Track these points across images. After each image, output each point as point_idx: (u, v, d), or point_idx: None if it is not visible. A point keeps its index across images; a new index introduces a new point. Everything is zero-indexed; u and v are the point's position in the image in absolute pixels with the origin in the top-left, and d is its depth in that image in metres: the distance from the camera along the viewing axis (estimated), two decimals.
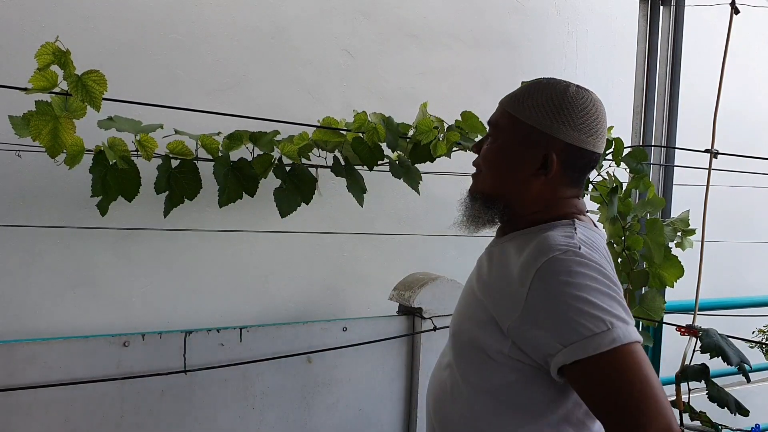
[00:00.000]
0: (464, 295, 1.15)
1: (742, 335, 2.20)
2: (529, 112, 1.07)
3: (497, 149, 1.09)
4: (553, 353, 0.92)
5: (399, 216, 2.13)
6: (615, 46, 2.66)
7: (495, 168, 1.10)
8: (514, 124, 1.07)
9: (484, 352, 1.02)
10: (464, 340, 1.08)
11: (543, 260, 0.95)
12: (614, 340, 0.88)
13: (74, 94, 1.34)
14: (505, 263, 1.04)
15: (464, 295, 1.16)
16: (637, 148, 2.19)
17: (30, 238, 1.65)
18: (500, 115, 1.10)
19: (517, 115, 1.07)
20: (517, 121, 1.07)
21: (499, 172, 1.09)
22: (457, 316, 1.15)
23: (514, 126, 1.08)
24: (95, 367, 1.68)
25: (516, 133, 1.07)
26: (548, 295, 0.93)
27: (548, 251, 0.96)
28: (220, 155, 1.59)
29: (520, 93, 1.09)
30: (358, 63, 2.11)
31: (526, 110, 1.07)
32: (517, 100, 1.08)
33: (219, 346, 1.84)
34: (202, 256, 1.87)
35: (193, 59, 1.84)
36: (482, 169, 1.12)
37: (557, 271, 0.94)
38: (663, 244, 2.05)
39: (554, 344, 0.91)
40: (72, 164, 1.39)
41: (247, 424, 1.89)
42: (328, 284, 2.07)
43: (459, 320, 1.13)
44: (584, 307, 0.90)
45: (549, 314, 0.93)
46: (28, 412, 1.60)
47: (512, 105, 1.09)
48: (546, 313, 0.93)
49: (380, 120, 1.79)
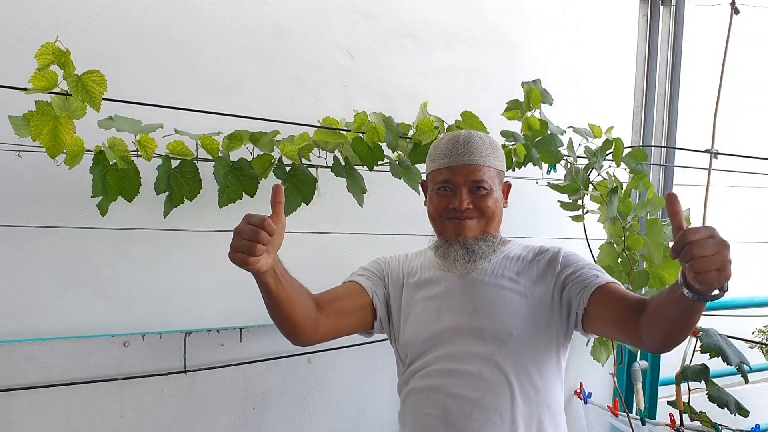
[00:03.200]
0: (489, 305, 1.29)
1: (742, 335, 2.20)
2: (498, 161, 1.36)
3: (495, 200, 1.33)
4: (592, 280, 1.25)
5: (399, 216, 2.13)
6: (615, 46, 2.66)
7: (495, 215, 1.34)
8: (496, 175, 1.34)
9: (546, 340, 1.28)
10: (522, 337, 1.26)
11: (552, 247, 1.37)
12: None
13: (74, 94, 1.34)
14: (522, 262, 1.35)
15: (488, 304, 1.29)
16: (637, 148, 2.19)
17: (30, 238, 1.65)
18: (483, 173, 1.31)
19: (495, 167, 1.34)
20: (497, 172, 1.35)
21: (496, 216, 1.35)
22: (500, 320, 1.27)
23: (496, 176, 1.34)
24: (95, 367, 1.68)
25: (498, 180, 1.35)
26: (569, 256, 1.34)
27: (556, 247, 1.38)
28: (220, 155, 1.59)
29: (484, 148, 1.33)
30: (358, 63, 2.11)
31: (497, 160, 1.35)
32: (488, 155, 1.33)
33: (219, 346, 1.84)
34: (202, 257, 1.87)
35: (193, 59, 1.84)
36: (483, 217, 1.32)
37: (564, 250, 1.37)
38: (663, 244, 2.05)
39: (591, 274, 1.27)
40: (72, 164, 1.39)
41: (247, 424, 1.90)
42: (328, 284, 2.05)
43: (508, 323, 1.26)
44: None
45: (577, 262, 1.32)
46: (28, 412, 1.60)
47: (490, 160, 1.33)
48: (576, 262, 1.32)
49: (380, 120, 1.79)
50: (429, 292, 1.34)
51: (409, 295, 1.37)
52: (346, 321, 1.34)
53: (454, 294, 1.31)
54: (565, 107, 2.21)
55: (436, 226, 1.38)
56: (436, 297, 1.33)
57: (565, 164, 2.12)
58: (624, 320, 1.15)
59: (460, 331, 1.27)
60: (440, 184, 1.34)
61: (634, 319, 1.12)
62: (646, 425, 2.09)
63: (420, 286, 1.37)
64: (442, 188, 1.33)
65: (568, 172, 2.09)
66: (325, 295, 1.33)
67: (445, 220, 1.34)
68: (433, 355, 1.28)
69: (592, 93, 2.54)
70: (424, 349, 1.30)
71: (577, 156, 2.12)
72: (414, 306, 1.35)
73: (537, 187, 2.17)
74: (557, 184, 2.10)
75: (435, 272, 1.36)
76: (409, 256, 1.48)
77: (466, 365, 1.25)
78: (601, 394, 2.51)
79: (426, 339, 1.30)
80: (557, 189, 2.09)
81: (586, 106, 2.41)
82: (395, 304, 1.38)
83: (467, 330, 1.26)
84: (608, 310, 1.20)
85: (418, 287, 1.37)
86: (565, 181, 2.10)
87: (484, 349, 1.25)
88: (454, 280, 1.32)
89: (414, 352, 1.32)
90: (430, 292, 1.34)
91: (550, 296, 1.29)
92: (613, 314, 1.18)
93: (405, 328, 1.35)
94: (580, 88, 2.51)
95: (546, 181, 2.13)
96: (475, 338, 1.26)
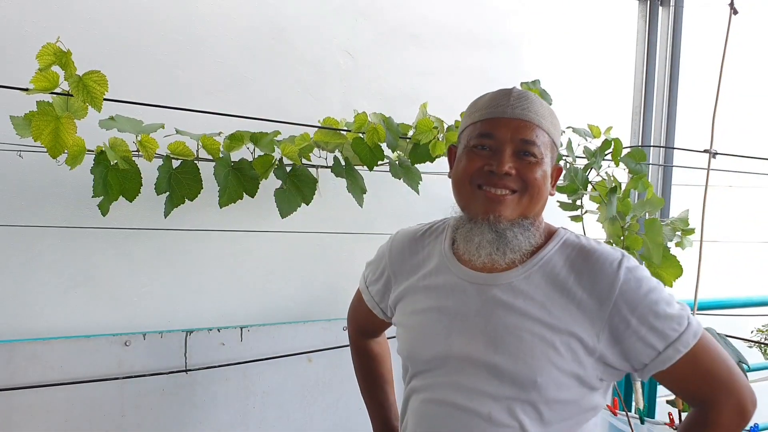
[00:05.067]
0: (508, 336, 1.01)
1: (741, 335, 2.21)
2: (555, 130, 1.06)
3: (544, 174, 1.03)
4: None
5: (399, 216, 2.13)
6: (614, 47, 2.66)
7: (542, 193, 1.04)
8: (551, 147, 1.05)
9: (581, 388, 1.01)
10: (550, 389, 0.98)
11: (606, 261, 1.00)
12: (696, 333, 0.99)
13: (75, 95, 1.34)
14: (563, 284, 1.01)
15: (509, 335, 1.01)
16: (636, 148, 2.19)
17: (31, 238, 1.65)
18: (537, 135, 1.02)
19: (551, 136, 1.05)
20: (551, 143, 1.05)
21: (542, 196, 1.05)
22: (522, 361, 0.98)
23: (550, 149, 1.05)
24: (96, 367, 1.68)
25: (551, 155, 1.05)
26: (631, 294, 0.99)
27: (615, 257, 1.00)
28: (221, 156, 1.59)
29: (542, 108, 1.04)
30: (358, 63, 2.11)
31: (555, 129, 1.06)
32: (545, 117, 1.04)
33: (220, 345, 1.84)
34: (202, 256, 1.87)
35: (194, 59, 1.84)
36: (527, 192, 1.02)
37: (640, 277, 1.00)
38: (662, 244, 2.05)
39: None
40: (73, 164, 1.39)
41: (248, 423, 1.90)
42: (328, 284, 2.07)
43: (533, 367, 0.98)
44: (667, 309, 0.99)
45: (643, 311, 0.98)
46: (29, 412, 1.61)
47: (547, 124, 1.04)
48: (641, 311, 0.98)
49: (380, 120, 1.79)
50: (440, 302, 1.08)
51: (417, 298, 1.13)
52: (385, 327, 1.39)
53: (468, 314, 1.04)
54: (564, 107, 2.21)
55: (462, 197, 1.07)
56: (448, 312, 1.06)
57: (564, 164, 2.12)
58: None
59: (473, 362, 1.01)
60: (477, 140, 1.03)
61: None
62: (645, 424, 2.09)
63: (430, 291, 1.11)
64: (478, 146, 1.03)
65: (567, 172, 2.10)
66: (373, 328, 1.40)
67: (475, 188, 1.03)
68: (439, 381, 1.06)
69: (591, 93, 2.55)
70: (428, 369, 1.08)
71: (576, 156, 2.12)
72: (421, 314, 1.11)
73: None
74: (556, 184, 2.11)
75: (450, 278, 1.09)
76: (426, 234, 1.20)
77: (476, 404, 1.01)
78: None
79: (430, 359, 1.07)
80: (557, 189, 2.10)
81: (585, 106, 2.42)
82: (399, 300, 1.19)
83: (480, 364, 1.01)
84: (674, 390, 1.04)
85: (428, 292, 1.11)
86: (564, 181, 2.11)
87: (499, 391, 0.99)
88: (473, 295, 1.05)
89: (416, 368, 1.11)
90: (441, 302, 1.08)
91: (591, 341, 0.98)
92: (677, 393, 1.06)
93: (407, 334, 1.13)
94: (579, 88, 2.51)
95: None
96: (490, 375, 1.00)
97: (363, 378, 1.43)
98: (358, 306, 1.37)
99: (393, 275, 1.21)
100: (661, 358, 0.97)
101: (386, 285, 1.24)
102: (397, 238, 1.24)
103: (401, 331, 1.16)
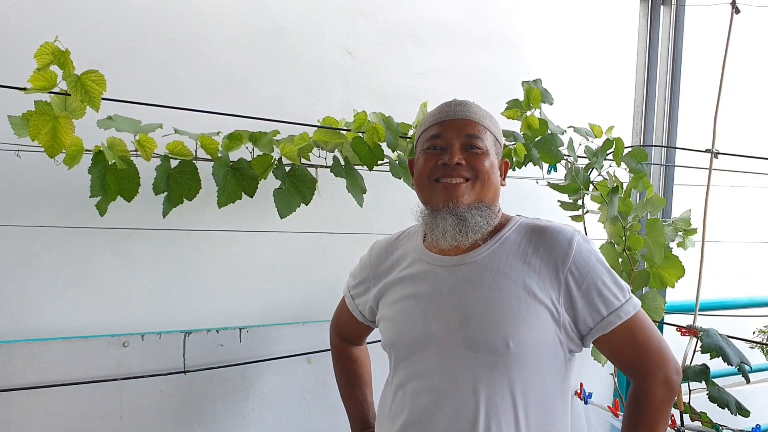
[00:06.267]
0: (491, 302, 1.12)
1: (742, 335, 2.20)
2: (495, 128, 1.24)
3: (491, 163, 1.19)
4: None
5: (399, 216, 2.13)
6: (615, 46, 2.65)
7: (491, 180, 1.19)
8: (493, 143, 1.22)
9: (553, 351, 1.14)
10: (528, 347, 1.11)
11: (560, 235, 1.16)
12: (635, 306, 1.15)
13: (73, 94, 1.34)
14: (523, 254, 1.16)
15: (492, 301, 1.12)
16: (638, 148, 2.19)
17: (29, 238, 1.65)
18: (479, 130, 1.19)
19: (493, 133, 1.22)
20: (494, 140, 1.22)
21: (492, 183, 1.19)
22: (494, 329, 1.10)
23: (493, 145, 1.22)
24: (95, 368, 1.67)
25: (494, 150, 1.22)
26: (581, 262, 1.14)
27: (569, 231, 1.17)
28: (220, 156, 1.59)
29: (480, 111, 1.23)
30: (358, 63, 2.11)
31: (494, 127, 1.24)
32: (484, 117, 1.22)
33: (218, 346, 1.83)
34: (201, 256, 1.87)
35: (193, 59, 1.84)
36: (477, 180, 1.17)
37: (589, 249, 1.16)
38: (663, 244, 2.05)
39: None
40: (71, 164, 1.38)
41: (247, 424, 1.89)
42: (328, 284, 2.06)
43: (504, 332, 1.10)
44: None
45: (590, 276, 1.14)
46: (28, 412, 1.60)
47: (486, 122, 1.21)
48: (588, 275, 1.14)
49: (380, 120, 1.78)
50: (416, 289, 1.20)
51: (394, 290, 1.26)
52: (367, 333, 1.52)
53: (442, 294, 1.16)
54: (566, 107, 2.20)
55: (423, 193, 1.21)
56: (423, 296, 1.18)
57: (566, 164, 2.12)
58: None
59: (452, 339, 1.13)
60: (429, 142, 1.20)
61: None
62: None
63: (406, 281, 1.23)
64: (431, 147, 1.19)
65: (568, 171, 2.09)
66: (355, 335, 1.51)
67: (433, 183, 1.18)
68: (424, 367, 1.16)
69: (592, 93, 2.54)
70: (411, 353, 1.18)
71: (577, 156, 2.12)
72: (399, 303, 1.23)
73: (537, 187, 2.17)
74: (557, 184, 2.10)
75: (423, 266, 1.21)
76: (401, 239, 1.34)
77: (462, 384, 1.11)
78: (602, 394, 2.51)
79: (412, 342, 1.17)
80: (557, 189, 2.09)
81: (586, 106, 2.41)
82: (380, 297, 1.32)
83: (459, 339, 1.12)
84: (611, 357, 1.18)
85: (404, 282, 1.24)
86: (565, 180, 2.10)
87: (479, 363, 1.10)
88: (444, 277, 1.17)
89: (400, 354, 1.21)
90: (416, 288, 1.20)
91: (552, 304, 1.11)
92: (614, 362, 1.20)
93: (388, 324, 1.24)
94: (580, 87, 2.51)
95: (546, 181, 2.13)
96: (468, 349, 1.11)
97: (343, 378, 1.54)
98: (341, 314, 1.50)
99: (373, 278, 1.34)
100: (604, 323, 1.12)
101: (367, 289, 1.37)
102: (375, 247, 1.39)
103: (384, 323, 1.28)
